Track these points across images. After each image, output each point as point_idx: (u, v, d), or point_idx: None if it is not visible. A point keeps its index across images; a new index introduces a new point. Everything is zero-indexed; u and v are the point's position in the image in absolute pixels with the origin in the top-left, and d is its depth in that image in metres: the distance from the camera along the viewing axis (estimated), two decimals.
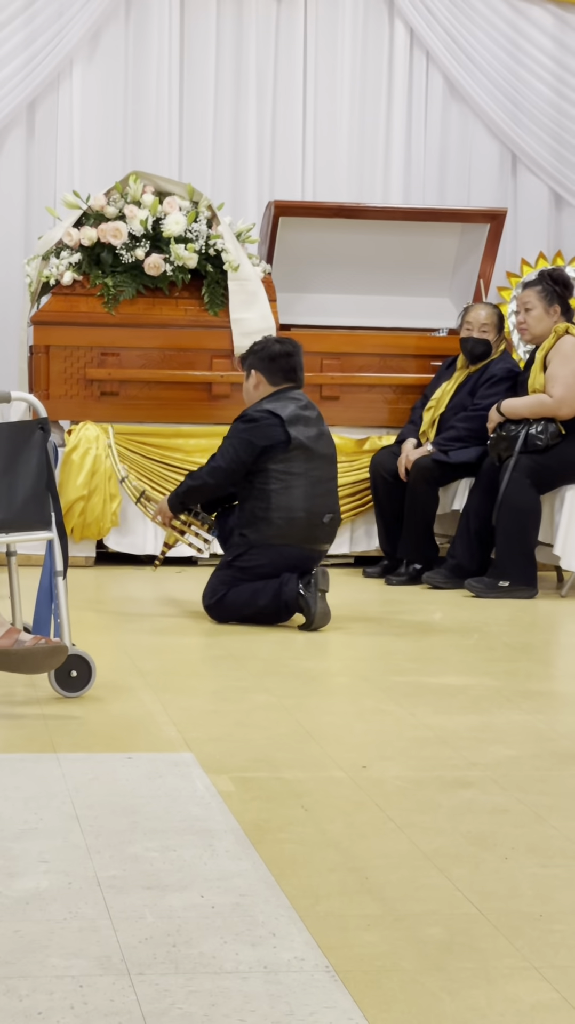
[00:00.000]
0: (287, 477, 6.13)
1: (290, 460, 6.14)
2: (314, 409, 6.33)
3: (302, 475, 6.14)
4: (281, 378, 6.31)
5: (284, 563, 6.12)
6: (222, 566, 6.21)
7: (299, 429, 6.17)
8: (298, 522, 6.11)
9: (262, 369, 6.32)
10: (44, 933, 2.68)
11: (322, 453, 6.23)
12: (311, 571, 6.07)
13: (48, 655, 4.41)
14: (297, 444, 6.14)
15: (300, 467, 6.14)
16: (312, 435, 6.21)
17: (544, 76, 9.14)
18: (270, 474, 6.13)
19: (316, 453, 6.19)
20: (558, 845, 3.29)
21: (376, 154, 9.16)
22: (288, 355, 6.31)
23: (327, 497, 6.22)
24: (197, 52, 8.92)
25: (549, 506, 7.38)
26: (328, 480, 6.26)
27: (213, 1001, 2.40)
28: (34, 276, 8.03)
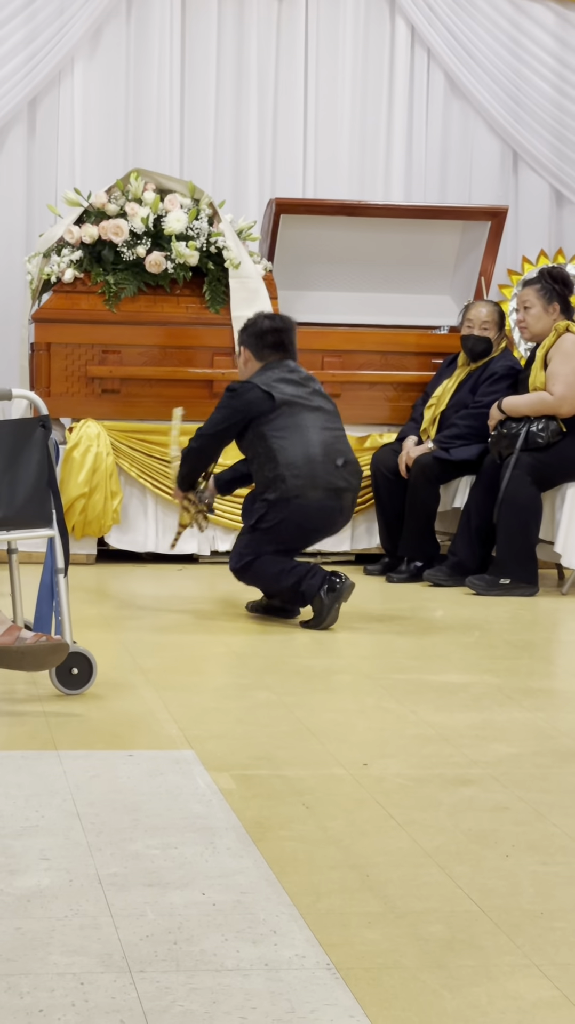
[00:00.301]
0: (284, 431, 6.13)
1: (281, 416, 6.14)
2: (302, 373, 6.31)
3: (299, 428, 6.14)
4: (268, 354, 6.30)
5: (305, 517, 6.11)
6: (246, 530, 6.24)
7: (281, 388, 6.18)
8: (308, 472, 6.09)
9: (250, 345, 6.34)
10: (45, 930, 2.68)
11: (316, 406, 6.21)
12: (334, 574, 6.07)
13: (49, 652, 4.41)
14: (282, 401, 6.14)
15: (294, 421, 6.14)
16: (300, 392, 6.20)
17: (545, 73, 9.14)
18: (267, 436, 6.14)
19: (309, 406, 6.19)
20: (559, 843, 3.29)
21: (377, 152, 9.16)
22: (276, 331, 6.30)
23: (334, 444, 6.20)
24: (198, 49, 8.91)
25: (550, 504, 7.38)
26: (332, 429, 6.23)
27: (214, 998, 2.40)
28: (35, 273, 8.03)
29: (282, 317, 6.42)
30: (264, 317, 6.39)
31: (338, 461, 6.16)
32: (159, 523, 7.94)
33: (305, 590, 6.02)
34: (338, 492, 6.16)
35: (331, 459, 6.14)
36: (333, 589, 5.98)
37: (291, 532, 6.16)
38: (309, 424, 6.17)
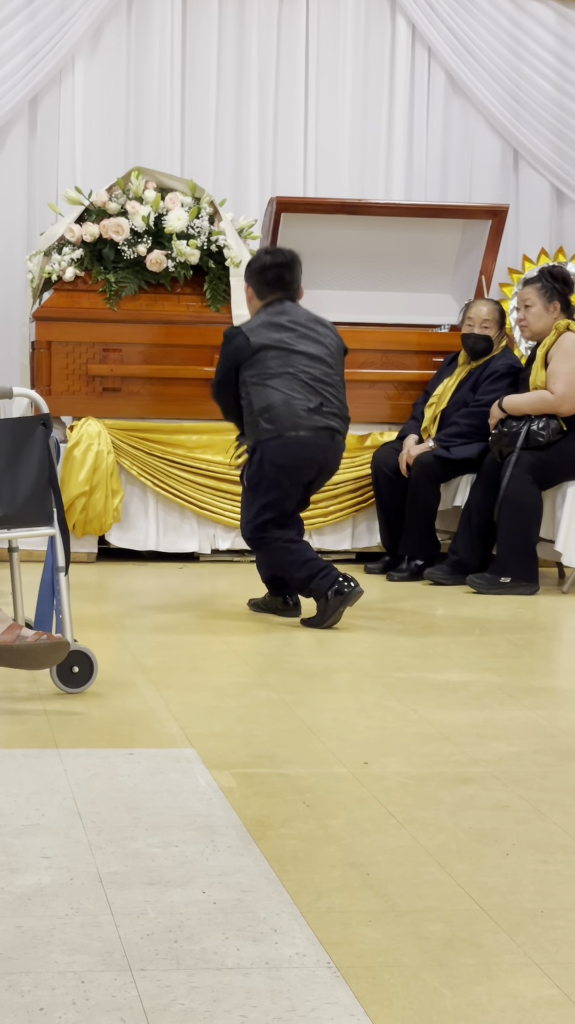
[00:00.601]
0: (260, 379, 6.10)
1: (259, 362, 6.10)
2: (297, 313, 6.21)
3: (277, 373, 6.09)
4: (268, 290, 6.23)
5: (280, 454, 6.08)
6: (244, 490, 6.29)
7: (263, 333, 6.12)
8: (282, 414, 6.07)
9: (252, 283, 6.29)
10: (46, 929, 2.68)
11: (299, 349, 6.12)
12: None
13: (50, 651, 4.42)
14: (259, 346, 6.09)
15: (274, 365, 6.09)
16: (284, 336, 6.12)
17: (546, 72, 9.14)
18: (247, 383, 6.15)
19: (291, 350, 6.11)
20: (559, 841, 3.29)
21: (378, 150, 9.16)
22: (277, 266, 6.22)
23: (315, 386, 6.12)
24: (199, 48, 8.91)
25: (550, 502, 7.38)
26: (315, 371, 6.14)
27: (215, 997, 2.40)
28: (36, 272, 8.03)
29: (283, 251, 6.30)
30: (265, 252, 6.30)
31: (311, 404, 6.09)
32: (160, 522, 7.94)
33: (314, 587, 6.01)
34: (315, 432, 6.10)
35: (301, 404, 6.08)
36: (341, 592, 5.96)
37: (272, 476, 6.11)
38: (288, 368, 6.10)
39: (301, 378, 6.11)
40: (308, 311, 6.30)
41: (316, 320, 6.27)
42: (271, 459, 6.10)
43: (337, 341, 6.28)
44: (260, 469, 6.13)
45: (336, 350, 6.25)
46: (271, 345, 6.11)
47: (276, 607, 6.26)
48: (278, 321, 6.16)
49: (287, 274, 6.22)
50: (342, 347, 6.31)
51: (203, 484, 7.89)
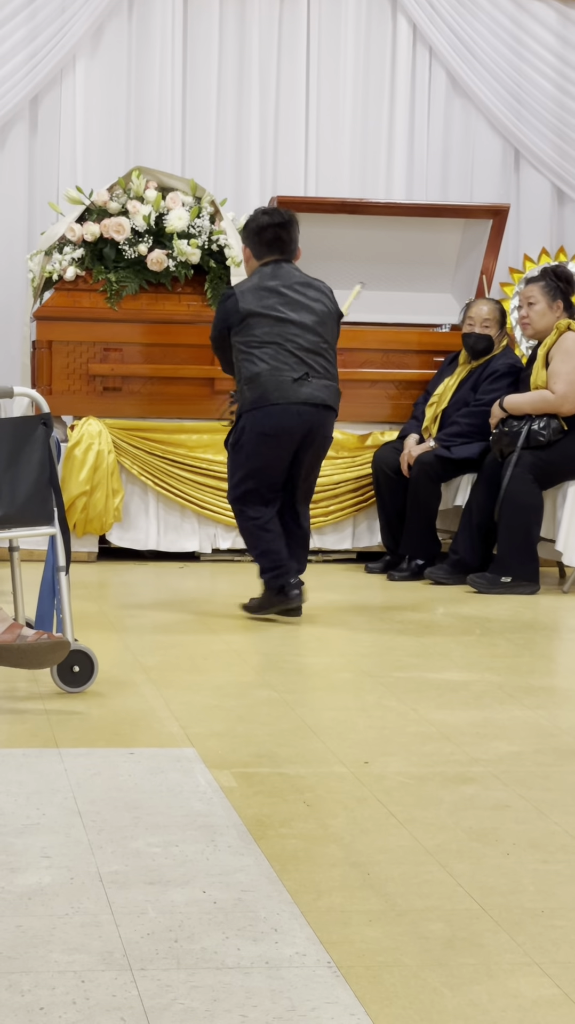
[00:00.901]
0: (247, 346, 6.11)
1: (247, 329, 6.10)
2: (290, 277, 6.17)
3: (264, 343, 6.08)
4: (265, 250, 6.22)
5: (260, 423, 6.09)
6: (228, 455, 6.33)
7: (253, 299, 6.10)
8: (263, 384, 6.07)
9: (249, 243, 6.29)
10: (46, 928, 2.68)
11: (284, 317, 6.09)
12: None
13: (50, 650, 4.42)
14: (247, 312, 6.09)
15: (259, 335, 6.08)
16: (272, 302, 6.10)
17: (547, 72, 9.14)
18: (236, 347, 6.16)
19: (276, 317, 6.09)
20: (560, 841, 3.29)
21: (379, 150, 9.16)
22: (274, 226, 6.20)
23: (299, 360, 6.08)
24: (200, 47, 8.91)
25: (551, 502, 7.38)
26: (300, 341, 6.09)
27: (215, 996, 2.40)
28: (37, 271, 8.03)
29: (281, 211, 6.27)
30: (263, 212, 6.28)
31: (296, 374, 6.07)
32: (160, 521, 7.94)
33: (265, 580, 6.13)
34: (299, 404, 6.08)
35: (293, 371, 6.07)
36: (283, 592, 6.09)
37: (254, 444, 6.12)
38: (275, 337, 6.08)
39: (287, 347, 6.08)
40: (303, 274, 6.25)
41: (309, 284, 6.22)
42: (252, 427, 6.12)
43: (329, 306, 6.22)
44: (242, 436, 6.16)
45: (328, 316, 6.19)
46: (259, 312, 6.09)
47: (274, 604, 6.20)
48: (269, 285, 6.14)
49: (284, 234, 6.19)
50: (335, 312, 6.24)
51: (204, 483, 7.90)
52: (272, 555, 6.12)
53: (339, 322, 6.30)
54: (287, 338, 6.09)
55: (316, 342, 6.15)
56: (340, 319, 6.31)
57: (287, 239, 6.21)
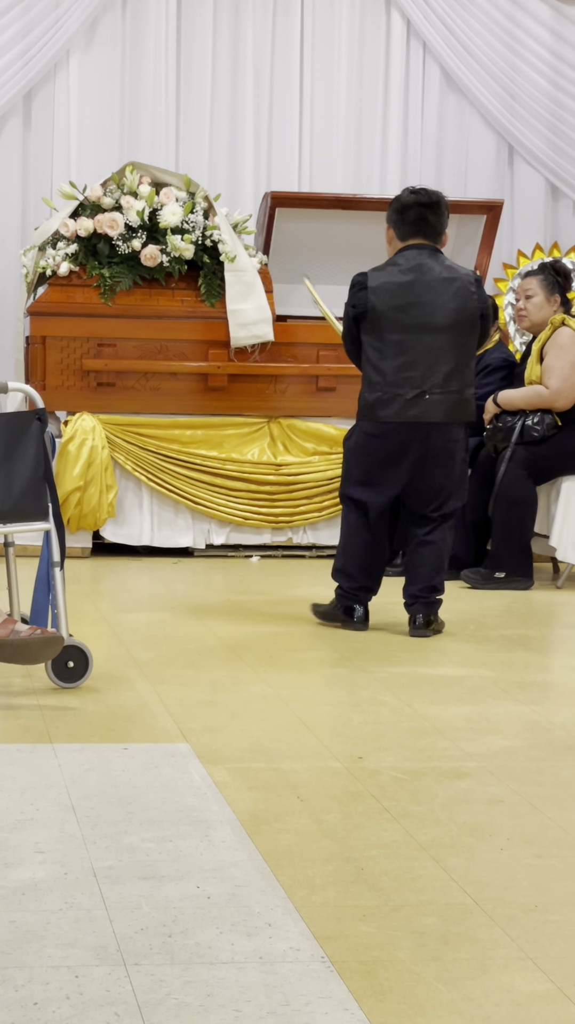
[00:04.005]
0: (373, 350, 5.80)
1: (374, 331, 5.78)
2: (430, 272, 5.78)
3: (389, 347, 5.75)
4: (409, 231, 5.84)
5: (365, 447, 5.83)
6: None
7: (382, 296, 5.74)
8: (376, 399, 5.78)
9: (392, 222, 5.91)
10: (40, 923, 2.68)
11: (412, 323, 5.74)
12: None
13: (44, 645, 4.41)
14: (375, 315, 5.75)
15: (386, 338, 5.76)
16: (404, 301, 5.74)
17: (541, 67, 9.14)
18: (365, 346, 5.84)
19: (402, 324, 5.74)
20: (553, 836, 3.29)
21: (373, 145, 9.16)
22: (419, 205, 5.81)
23: (419, 369, 5.74)
24: (194, 42, 8.91)
25: (545, 497, 7.38)
26: (424, 355, 5.74)
27: (209, 991, 2.40)
28: (30, 267, 8.02)
29: (428, 191, 5.90)
30: (410, 191, 5.90)
31: (408, 394, 5.73)
32: (154, 517, 7.94)
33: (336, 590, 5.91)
34: (410, 426, 5.76)
35: (399, 390, 5.76)
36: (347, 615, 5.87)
37: (358, 460, 5.87)
38: (402, 344, 5.76)
39: (406, 358, 5.74)
40: (446, 265, 5.86)
41: (448, 279, 5.81)
42: (359, 445, 5.86)
43: (468, 304, 5.80)
44: (352, 447, 5.91)
45: (464, 315, 5.79)
46: (384, 315, 5.75)
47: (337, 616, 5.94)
48: (403, 280, 5.77)
49: (431, 216, 5.85)
50: (475, 310, 5.82)
51: (197, 479, 7.89)
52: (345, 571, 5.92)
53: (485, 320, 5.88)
54: (412, 350, 5.75)
55: (441, 347, 5.77)
56: (486, 318, 5.89)
57: (434, 221, 5.86)
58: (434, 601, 5.87)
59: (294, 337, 8.09)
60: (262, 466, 7.96)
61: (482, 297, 5.88)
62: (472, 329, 5.84)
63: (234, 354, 7.96)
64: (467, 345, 5.84)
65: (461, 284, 5.82)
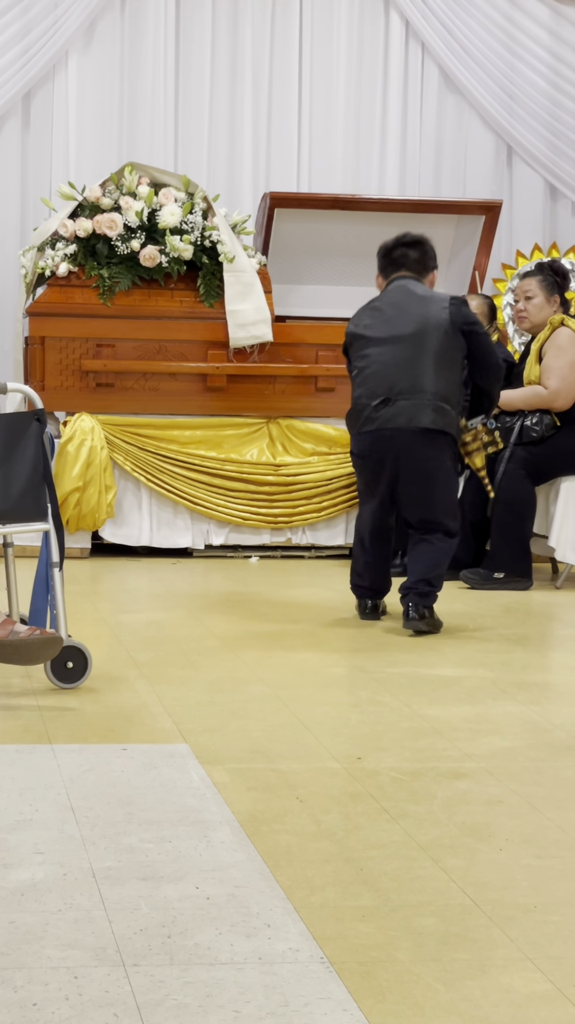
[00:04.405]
0: (355, 371, 6.07)
1: (356, 353, 6.06)
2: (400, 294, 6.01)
3: (365, 366, 5.99)
4: (391, 269, 6.16)
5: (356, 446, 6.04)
6: None
7: (358, 320, 6.08)
8: (354, 411, 6.03)
9: (379, 268, 6.23)
10: (39, 924, 2.68)
11: (380, 336, 5.97)
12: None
13: (43, 646, 4.41)
14: (351, 338, 6.09)
15: (362, 358, 6.01)
16: (375, 320, 6.02)
17: (540, 68, 9.14)
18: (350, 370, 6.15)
19: (374, 338, 5.99)
20: (553, 836, 3.29)
21: (372, 146, 9.16)
22: (401, 244, 6.13)
23: (385, 378, 5.91)
24: (193, 43, 8.91)
25: (544, 498, 7.38)
26: (392, 361, 5.92)
27: (208, 992, 2.40)
28: (29, 267, 8.03)
29: (411, 233, 6.22)
30: (394, 237, 6.21)
31: (375, 400, 5.92)
32: (153, 517, 7.94)
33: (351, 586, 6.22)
34: (378, 431, 5.92)
35: (372, 397, 5.94)
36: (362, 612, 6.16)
37: (357, 470, 6.14)
38: (366, 357, 6.00)
39: (375, 369, 5.95)
40: (424, 289, 6.06)
41: (422, 297, 6.00)
42: (356, 459, 6.12)
43: (438, 315, 5.92)
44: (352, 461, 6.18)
45: (431, 324, 5.91)
46: (357, 334, 6.06)
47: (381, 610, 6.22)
48: (377, 304, 6.09)
49: (413, 252, 6.12)
50: (445, 320, 5.92)
51: (196, 480, 7.89)
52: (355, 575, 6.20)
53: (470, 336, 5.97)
54: (382, 359, 5.96)
55: (409, 357, 5.92)
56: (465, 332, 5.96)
57: (416, 257, 6.12)
58: (427, 592, 5.92)
59: (293, 337, 8.09)
60: (261, 466, 7.96)
61: (461, 313, 5.98)
62: (446, 339, 5.93)
63: (233, 354, 7.96)
64: (442, 355, 5.93)
65: (434, 300, 5.99)
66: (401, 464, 5.93)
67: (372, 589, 6.16)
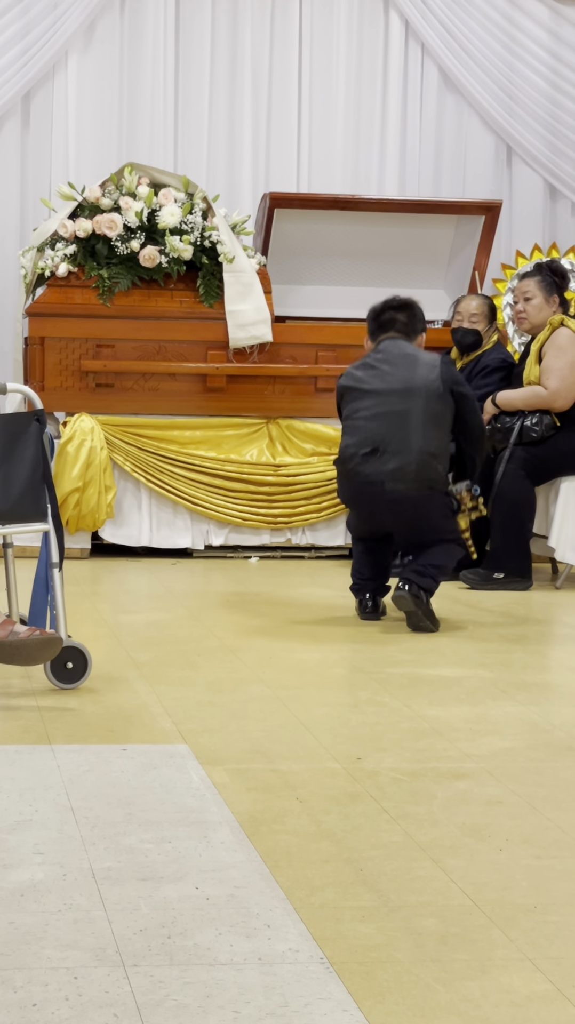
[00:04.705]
0: (346, 420, 6.16)
1: (347, 405, 6.15)
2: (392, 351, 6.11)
3: (356, 417, 6.08)
4: (379, 332, 6.25)
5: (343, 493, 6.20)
6: None
7: (351, 375, 6.17)
8: (342, 459, 6.10)
9: (368, 332, 6.33)
10: (39, 925, 2.68)
11: (370, 389, 6.05)
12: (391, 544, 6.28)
13: (43, 646, 4.41)
14: (343, 390, 6.16)
15: (351, 408, 6.11)
16: (365, 375, 6.11)
17: (539, 68, 9.14)
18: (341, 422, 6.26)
19: (363, 390, 6.07)
20: (552, 836, 3.29)
21: (371, 146, 9.16)
22: (389, 308, 6.22)
23: (375, 430, 5.99)
24: (192, 43, 8.91)
25: (544, 498, 7.38)
26: (380, 414, 6.00)
27: (208, 992, 2.40)
28: (29, 268, 8.02)
29: (399, 297, 6.31)
30: (382, 300, 6.30)
31: (362, 450, 6.01)
32: (153, 517, 7.94)
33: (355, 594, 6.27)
34: (367, 483, 6.00)
35: (359, 447, 6.02)
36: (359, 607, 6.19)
37: (350, 515, 6.29)
38: (358, 410, 6.08)
39: (362, 423, 6.04)
40: (414, 348, 6.17)
41: (410, 355, 6.11)
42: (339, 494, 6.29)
43: (427, 374, 6.03)
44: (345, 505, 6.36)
45: (417, 383, 6.01)
46: (351, 386, 6.15)
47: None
48: (367, 361, 6.19)
49: (401, 315, 6.21)
50: (433, 380, 6.01)
51: (196, 480, 7.89)
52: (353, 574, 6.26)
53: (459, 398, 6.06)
54: (371, 412, 6.05)
55: (400, 412, 6.00)
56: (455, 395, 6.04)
57: (405, 319, 6.20)
58: (423, 569, 5.99)
59: (293, 338, 8.09)
60: (261, 467, 7.96)
61: (450, 374, 6.08)
62: (436, 399, 6.02)
63: (233, 355, 7.96)
64: (432, 414, 6.02)
65: (424, 359, 6.10)
66: (391, 513, 6.06)
67: (372, 589, 6.18)
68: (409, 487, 5.96)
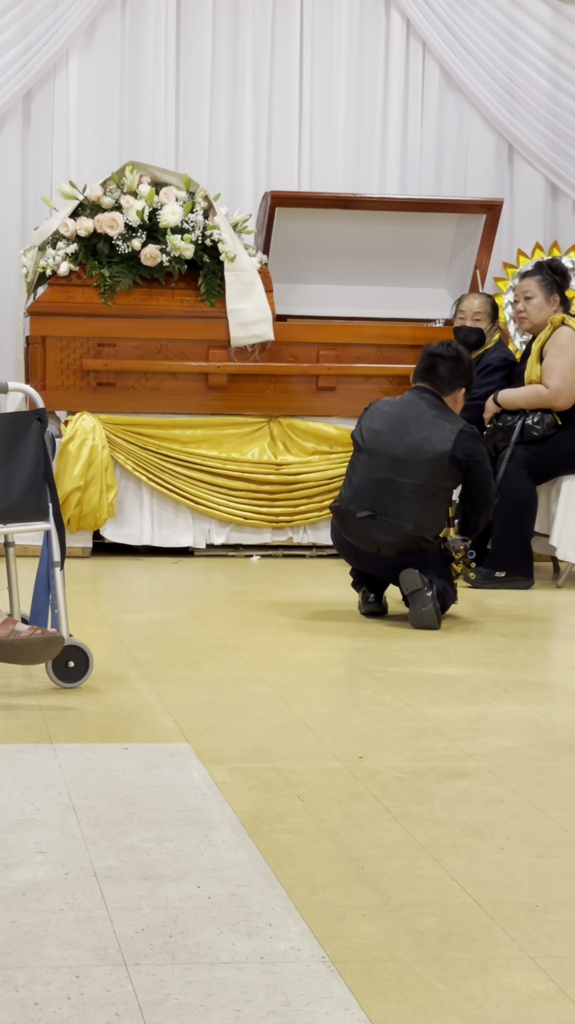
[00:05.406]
0: (350, 468, 6.18)
1: (356, 453, 6.16)
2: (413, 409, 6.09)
3: (357, 466, 6.12)
4: (418, 376, 6.24)
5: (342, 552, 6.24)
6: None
7: (368, 417, 6.18)
8: (339, 510, 6.12)
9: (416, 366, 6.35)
10: (41, 924, 2.68)
11: (370, 448, 6.08)
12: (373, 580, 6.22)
13: (44, 645, 4.41)
14: (359, 430, 6.18)
15: (357, 461, 6.13)
16: (371, 426, 6.12)
17: (540, 67, 9.14)
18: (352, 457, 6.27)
19: (369, 449, 6.08)
20: (554, 835, 3.29)
21: (372, 144, 9.16)
22: (434, 355, 6.17)
23: (371, 495, 6.01)
24: (194, 42, 8.91)
25: (545, 497, 7.38)
26: (375, 476, 6.02)
27: (209, 991, 2.41)
28: (30, 267, 8.02)
29: (454, 346, 6.25)
30: (442, 341, 6.30)
31: (359, 514, 6.02)
32: (154, 516, 7.94)
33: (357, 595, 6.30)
34: (362, 551, 6.08)
35: (356, 510, 6.04)
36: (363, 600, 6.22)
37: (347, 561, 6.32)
38: (361, 460, 6.11)
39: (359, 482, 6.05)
40: (438, 410, 6.11)
41: (429, 419, 6.07)
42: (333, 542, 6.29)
43: (436, 446, 5.99)
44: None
45: (423, 455, 5.99)
46: (357, 440, 6.16)
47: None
48: (385, 409, 6.16)
49: (442, 366, 6.15)
50: (443, 454, 5.98)
51: (198, 479, 7.89)
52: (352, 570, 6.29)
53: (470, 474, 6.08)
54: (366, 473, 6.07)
55: (401, 482, 6.01)
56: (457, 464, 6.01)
57: (443, 373, 6.15)
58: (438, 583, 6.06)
59: (294, 337, 8.09)
60: (262, 466, 7.96)
61: (466, 447, 6.04)
62: (437, 470, 6.02)
63: (234, 354, 7.96)
64: (429, 487, 6.02)
65: (441, 426, 6.04)
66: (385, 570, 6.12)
67: (371, 581, 6.20)
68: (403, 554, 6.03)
